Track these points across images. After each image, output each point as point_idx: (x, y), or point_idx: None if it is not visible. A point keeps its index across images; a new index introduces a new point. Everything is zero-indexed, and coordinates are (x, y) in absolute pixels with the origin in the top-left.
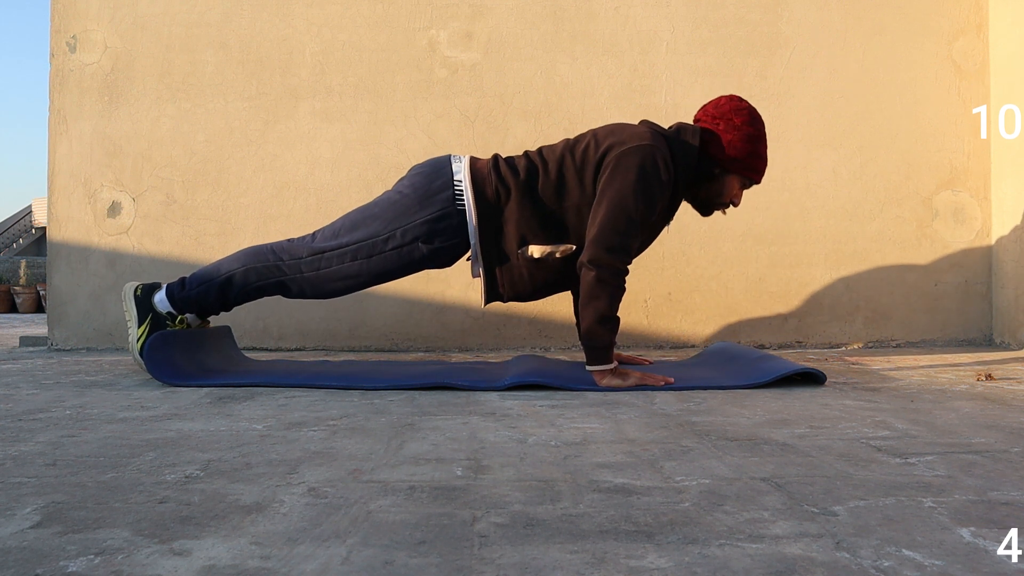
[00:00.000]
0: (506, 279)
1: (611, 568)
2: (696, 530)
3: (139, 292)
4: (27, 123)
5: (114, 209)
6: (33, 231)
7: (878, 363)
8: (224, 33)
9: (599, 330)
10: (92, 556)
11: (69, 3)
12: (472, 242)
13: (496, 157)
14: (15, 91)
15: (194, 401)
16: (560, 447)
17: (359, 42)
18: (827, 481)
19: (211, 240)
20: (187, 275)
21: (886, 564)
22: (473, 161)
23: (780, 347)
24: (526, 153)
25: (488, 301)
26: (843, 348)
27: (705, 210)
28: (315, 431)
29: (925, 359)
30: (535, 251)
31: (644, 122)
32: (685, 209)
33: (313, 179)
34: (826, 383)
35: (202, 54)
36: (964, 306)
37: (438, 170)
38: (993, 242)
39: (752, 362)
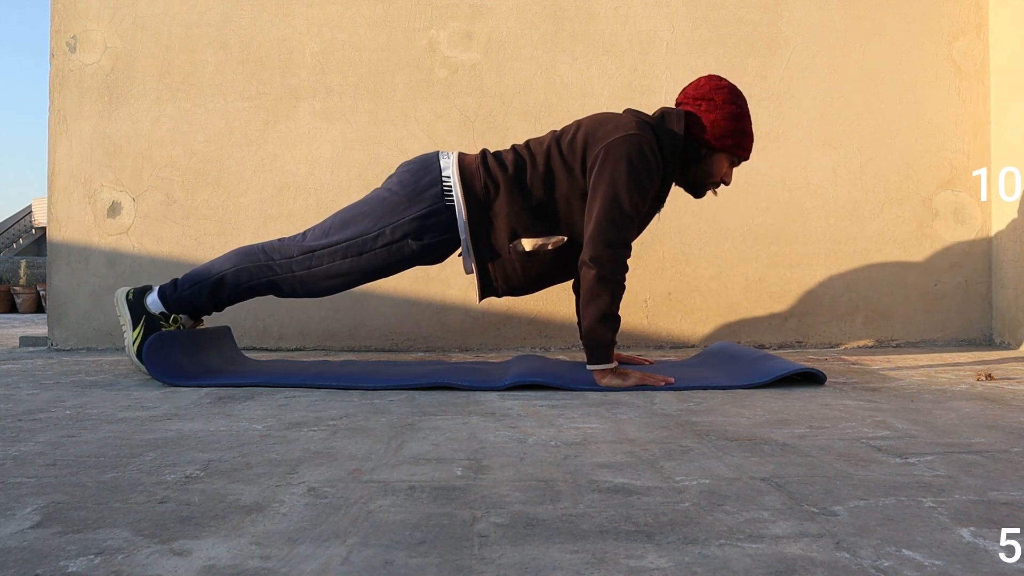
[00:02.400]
0: (499, 273)
1: (611, 568)
2: (696, 530)
3: (131, 296)
4: (27, 123)
5: (114, 209)
6: (33, 231)
7: (878, 363)
8: (224, 33)
9: (601, 328)
10: (92, 556)
11: (69, 3)
12: (462, 237)
13: (484, 152)
14: (15, 91)
15: (194, 401)
16: (560, 447)
17: (359, 42)
18: (827, 481)
19: (211, 240)
20: (179, 276)
21: (886, 564)
22: (461, 157)
23: (780, 347)
24: (513, 147)
25: (483, 296)
26: (843, 348)
27: (696, 191)
28: (315, 431)
29: (925, 359)
30: (526, 244)
31: (628, 111)
32: (687, 210)
33: (313, 179)
34: (826, 383)
35: (202, 54)
36: (964, 306)
37: (426, 167)
38: (993, 242)
39: (752, 362)
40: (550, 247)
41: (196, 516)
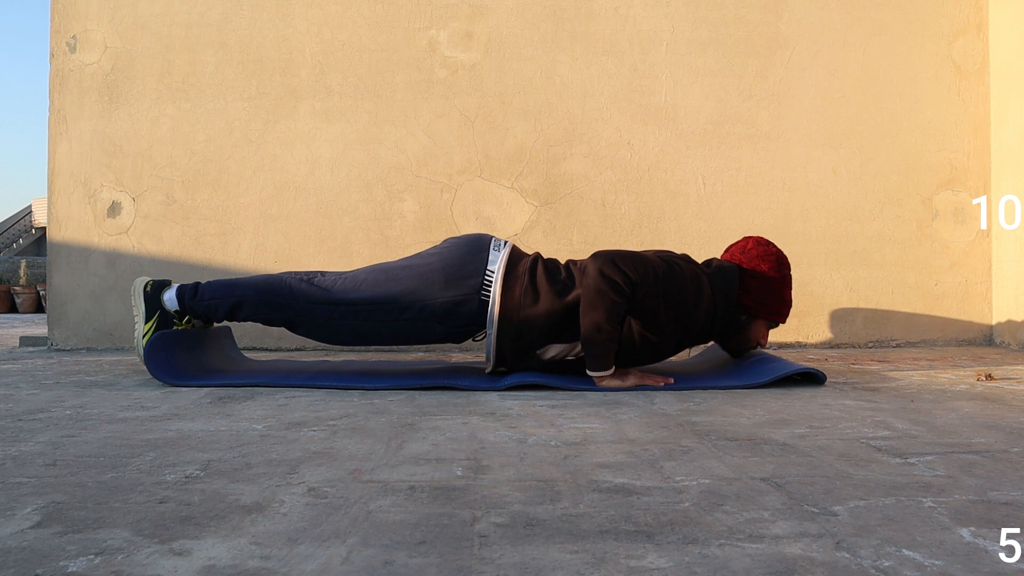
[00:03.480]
0: (514, 363)
1: (611, 568)
2: (696, 530)
3: (149, 288)
4: (27, 123)
5: (114, 209)
6: (33, 231)
7: (878, 363)
8: (224, 33)
9: (596, 338)
10: (92, 556)
11: (69, 3)
12: (489, 333)
13: (537, 258)
14: (15, 91)
15: (194, 401)
16: (560, 447)
17: (359, 42)
18: (827, 481)
19: (211, 240)
20: (202, 282)
21: (886, 564)
22: (512, 256)
23: (780, 347)
24: (568, 264)
25: (492, 370)
26: (843, 348)
27: (737, 353)
28: (315, 431)
29: (925, 359)
30: (551, 351)
31: (683, 256)
32: (687, 209)
33: (313, 179)
34: (826, 383)
35: (202, 54)
36: (964, 306)
37: (474, 252)
38: (993, 242)
39: (752, 362)
40: (571, 357)
41: (196, 516)
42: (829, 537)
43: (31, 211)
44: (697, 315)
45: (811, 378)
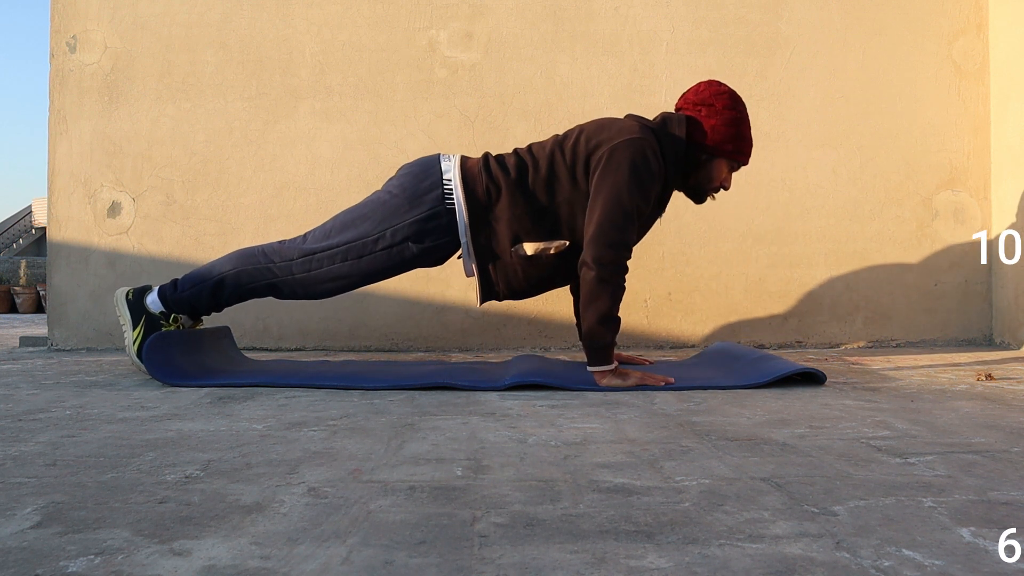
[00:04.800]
0: (500, 277)
1: (611, 568)
2: (696, 530)
3: (131, 296)
4: (27, 123)
5: (114, 209)
6: (33, 231)
7: (878, 363)
8: (224, 33)
9: (601, 330)
10: (92, 556)
11: (69, 3)
12: (463, 241)
13: (487, 156)
14: (15, 91)
15: (194, 401)
16: (560, 447)
17: (359, 42)
18: (827, 481)
19: (211, 240)
20: (179, 277)
21: (886, 564)
22: (463, 160)
23: (780, 347)
24: (516, 151)
25: (483, 300)
26: (843, 348)
27: (697, 197)
28: (315, 431)
29: (925, 359)
30: (528, 248)
31: (630, 116)
32: (686, 209)
33: (313, 179)
34: (826, 383)
35: (202, 54)
36: (964, 306)
37: (427, 169)
38: (993, 242)
39: (752, 362)
40: (552, 251)
41: (196, 516)
42: (829, 537)
43: (31, 211)
44: (661, 183)
45: (811, 378)
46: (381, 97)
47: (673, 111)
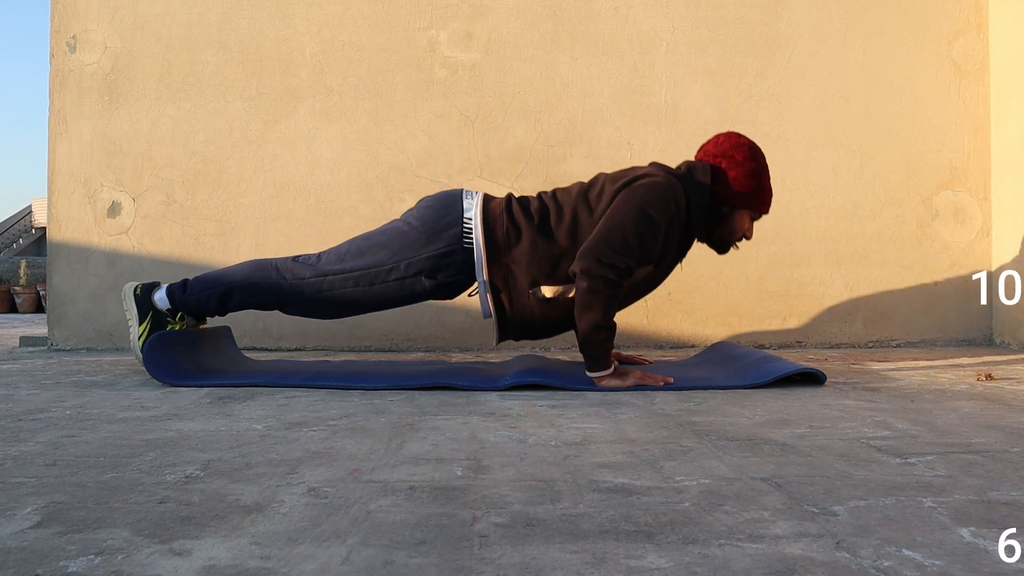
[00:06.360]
0: (517, 318)
1: (611, 568)
2: (696, 530)
3: (139, 291)
4: (27, 123)
5: (114, 209)
6: (33, 231)
7: (878, 363)
8: (224, 33)
9: (595, 338)
10: (92, 556)
11: (69, 3)
12: (480, 280)
13: (510, 198)
14: (15, 91)
15: (194, 401)
16: (560, 447)
17: (359, 42)
18: (827, 481)
19: (211, 240)
20: (189, 278)
21: (886, 564)
22: (486, 200)
23: (780, 347)
24: (540, 195)
25: (500, 340)
26: (843, 348)
27: (721, 249)
28: (315, 431)
29: (925, 359)
30: (547, 291)
31: (654, 164)
32: None
33: (313, 179)
34: (826, 383)
35: (202, 54)
36: (964, 306)
37: (449, 205)
38: (993, 242)
39: (752, 362)
40: (570, 295)
41: (196, 516)
42: (829, 537)
43: (31, 211)
44: (682, 230)
45: (811, 378)
46: (381, 97)
47: (694, 158)
